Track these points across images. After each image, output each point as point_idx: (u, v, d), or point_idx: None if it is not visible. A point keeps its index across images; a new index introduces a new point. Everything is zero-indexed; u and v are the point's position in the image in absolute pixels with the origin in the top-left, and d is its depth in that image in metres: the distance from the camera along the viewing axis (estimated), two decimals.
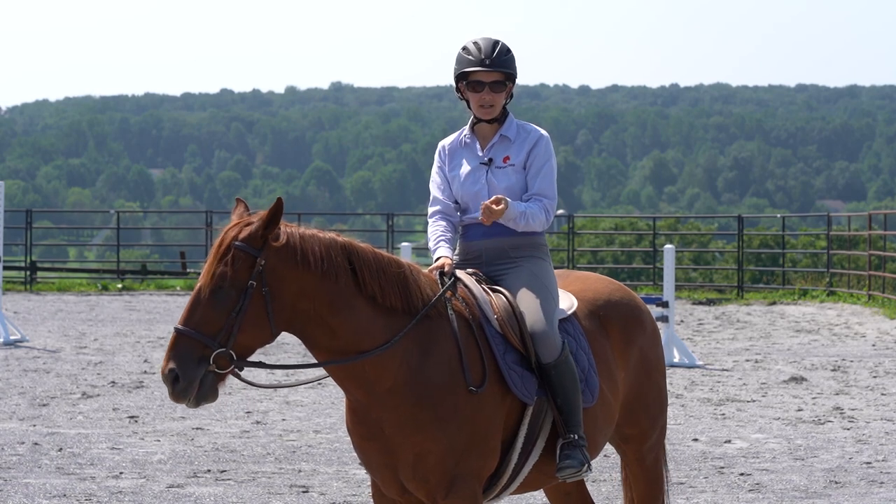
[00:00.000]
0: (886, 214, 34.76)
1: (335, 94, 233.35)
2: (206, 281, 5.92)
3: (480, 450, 6.17)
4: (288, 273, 5.99)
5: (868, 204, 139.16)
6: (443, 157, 6.84)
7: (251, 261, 5.94)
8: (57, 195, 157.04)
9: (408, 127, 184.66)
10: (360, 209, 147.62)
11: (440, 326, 6.23)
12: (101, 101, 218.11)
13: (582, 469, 6.36)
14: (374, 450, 6.21)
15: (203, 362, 5.86)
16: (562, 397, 6.37)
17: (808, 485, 10.88)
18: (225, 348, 5.88)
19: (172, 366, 5.84)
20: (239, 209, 6.15)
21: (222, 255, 5.94)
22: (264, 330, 5.97)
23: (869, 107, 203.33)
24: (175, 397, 5.87)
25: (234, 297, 5.91)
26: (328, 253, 6.08)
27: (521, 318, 6.43)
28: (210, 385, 5.89)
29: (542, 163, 6.69)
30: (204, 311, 5.89)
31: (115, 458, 11.74)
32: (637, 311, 7.03)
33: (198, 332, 5.86)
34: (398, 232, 36.86)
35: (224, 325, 5.89)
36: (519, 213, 6.55)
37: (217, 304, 5.89)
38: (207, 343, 5.87)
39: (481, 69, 6.63)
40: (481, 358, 6.26)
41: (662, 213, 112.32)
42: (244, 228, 5.99)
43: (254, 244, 5.96)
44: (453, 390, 6.13)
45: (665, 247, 20.58)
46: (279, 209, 5.97)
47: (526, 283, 6.57)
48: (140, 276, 37.18)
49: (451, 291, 6.37)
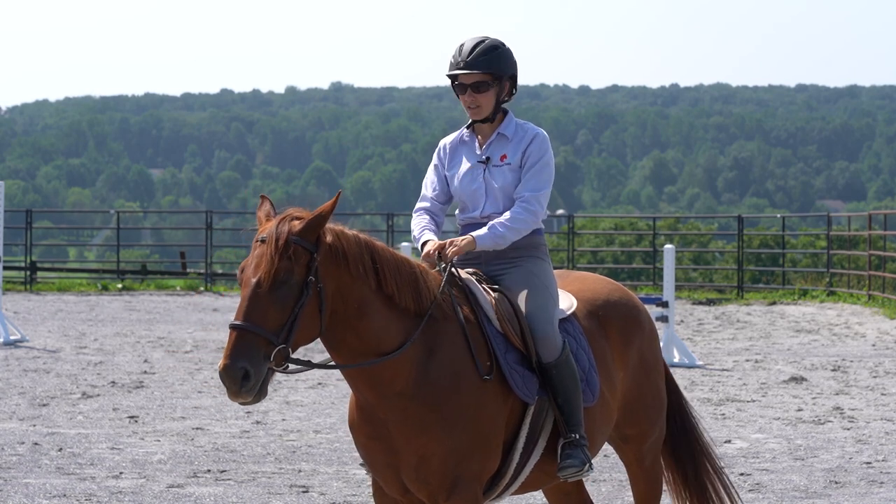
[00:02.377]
0: (886, 214, 34.75)
1: (335, 94, 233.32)
2: (266, 276, 5.77)
3: (483, 452, 6.17)
4: (333, 271, 5.95)
5: (868, 204, 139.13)
6: (442, 155, 6.82)
7: (308, 256, 5.87)
8: (57, 195, 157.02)
9: (408, 127, 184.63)
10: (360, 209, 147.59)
11: (445, 327, 6.22)
12: (101, 101, 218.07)
13: (583, 468, 6.37)
14: (378, 450, 6.21)
15: (266, 359, 5.76)
16: (563, 397, 6.37)
17: (808, 485, 10.88)
18: (286, 345, 5.80)
19: (243, 363, 5.69)
20: (265, 206, 6.07)
21: (283, 250, 5.81)
22: (315, 327, 5.91)
23: (869, 107, 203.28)
24: (240, 395, 5.72)
25: (295, 293, 5.81)
26: (360, 253, 6.06)
27: (521, 317, 6.42)
28: (267, 383, 5.81)
29: (534, 160, 6.64)
30: (265, 306, 5.77)
31: (115, 458, 11.74)
32: (635, 312, 7.04)
33: (261, 327, 5.75)
34: (398, 232, 36.88)
35: (286, 320, 5.80)
36: (489, 237, 6.49)
37: (279, 299, 5.78)
38: (271, 339, 5.76)
39: (459, 72, 6.59)
40: (489, 352, 6.26)
41: (662, 213, 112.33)
42: (295, 223, 5.90)
43: (309, 239, 5.90)
44: (457, 392, 6.12)
45: (665, 247, 20.57)
46: (334, 206, 5.93)
47: (526, 282, 6.56)
48: (140, 276, 37.18)
49: (451, 283, 6.36)
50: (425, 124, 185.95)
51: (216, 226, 38.18)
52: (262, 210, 6.07)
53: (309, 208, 6.08)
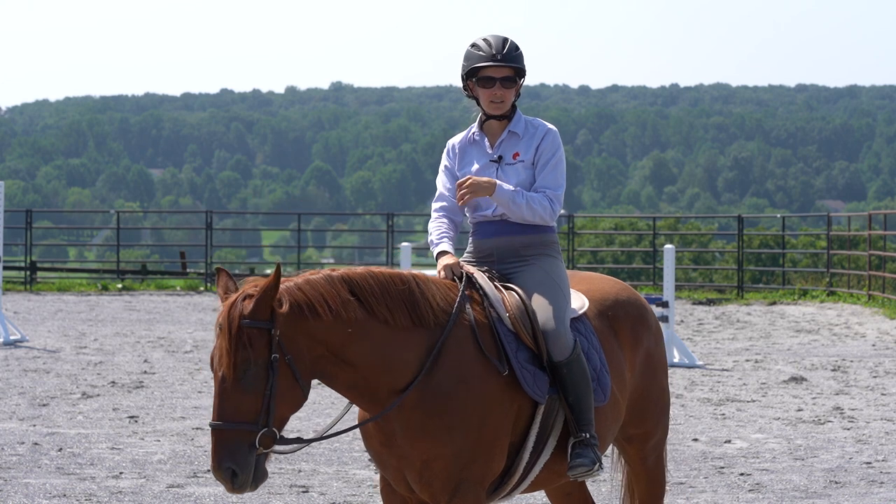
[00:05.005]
0: (886, 214, 34.74)
1: (335, 94, 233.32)
2: (228, 370, 5.72)
3: (487, 455, 6.16)
4: (300, 330, 5.87)
5: (868, 204, 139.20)
6: (451, 155, 6.82)
7: (266, 335, 5.78)
8: (57, 195, 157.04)
9: (408, 127, 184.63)
10: (360, 209, 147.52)
11: (454, 332, 6.20)
12: (101, 101, 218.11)
13: (594, 468, 6.35)
14: (388, 454, 6.21)
15: (252, 448, 5.74)
16: (573, 396, 6.35)
17: (808, 485, 10.88)
18: (268, 427, 5.77)
19: (228, 464, 5.69)
20: (223, 280, 5.94)
21: (237, 339, 5.73)
22: (298, 396, 5.87)
23: (869, 107, 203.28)
24: (235, 491, 5.75)
25: (262, 376, 5.76)
26: (332, 293, 5.98)
27: (533, 316, 6.41)
28: (261, 466, 5.80)
29: (549, 156, 6.68)
30: (236, 399, 5.73)
31: (115, 458, 11.74)
32: (644, 311, 7.04)
33: (238, 422, 5.72)
34: (398, 232, 36.88)
35: (261, 405, 5.76)
36: (510, 194, 6.53)
37: (247, 388, 5.73)
38: (251, 429, 5.74)
39: (492, 64, 6.62)
40: (499, 351, 6.24)
41: (662, 213, 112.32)
42: (246, 304, 5.80)
43: (262, 317, 5.78)
44: (462, 398, 6.10)
45: (665, 247, 20.57)
46: (279, 278, 5.81)
47: (538, 281, 6.55)
48: (140, 276, 37.18)
49: (468, 290, 6.35)
50: (425, 124, 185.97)
51: (216, 226, 38.21)
52: (221, 285, 5.94)
53: (309, 208, 6.04)
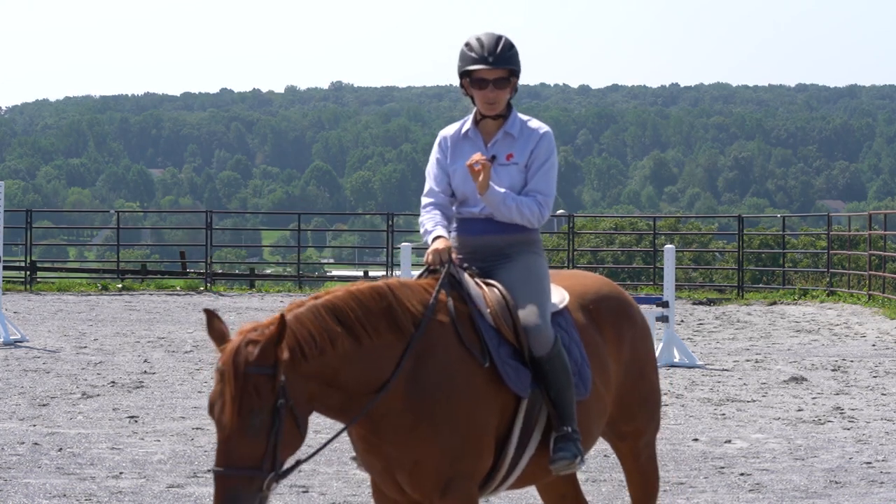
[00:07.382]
0: (886, 214, 34.76)
1: (335, 93, 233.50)
2: (233, 417, 5.62)
3: (475, 451, 6.15)
4: (299, 372, 5.81)
5: (868, 204, 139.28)
6: (443, 148, 6.78)
7: (271, 381, 5.68)
8: (57, 195, 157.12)
9: (408, 127, 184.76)
10: (360, 209, 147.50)
11: (434, 330, 6.19)
12: (101, 100, 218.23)
13: (575, 461, 6.35)
14: (375, 457, 6.21)
15: (258, 492, 5.67)
16: (555, 390, 6.36)
17: (808, 485, 10.87)
18: (274, 472, 5.69)
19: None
20: (215, 325, 5.80)
21: (243, 386, 5.63)
22: (298, 437, 5.80)
23: (869, 107, 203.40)
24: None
25: (268, 422, 5.66)
26: (318, 330, 5.91)
27: (514, 311, 6.41)
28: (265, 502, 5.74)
29: (542, 160, 6.67)
30: (241, 445, 5.64)
31: (115, 458, 11.73)
32: (626, 305, 7.04)
33: (244, 468, 5.65)
34: (398, 232, 36.86)
35: (266, 449, 5.67)
36: (501, 196, 6.52)
37: (252, 433, 5.64)
38: (256, 475, 5.65)
39: (484, 67, 6.58)
40: (481, 347, 6.23)
41: (662, 213, 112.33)
42: (250, 350, 5.69)
43: (267, 363, 5.68)
44: (447, 397, 6.09)
45: (665, 247, 20.56)
46: (284, 326, 5.70)
47: (519, 276, 6.55)
48: (140, 276, 37.18)
49: (448, 287, 6.34)
50: (425, 124, 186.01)
51: (216, 226, 38.22)
52: (213, 331, 5.80)
53: (309, 208, 6.03)
